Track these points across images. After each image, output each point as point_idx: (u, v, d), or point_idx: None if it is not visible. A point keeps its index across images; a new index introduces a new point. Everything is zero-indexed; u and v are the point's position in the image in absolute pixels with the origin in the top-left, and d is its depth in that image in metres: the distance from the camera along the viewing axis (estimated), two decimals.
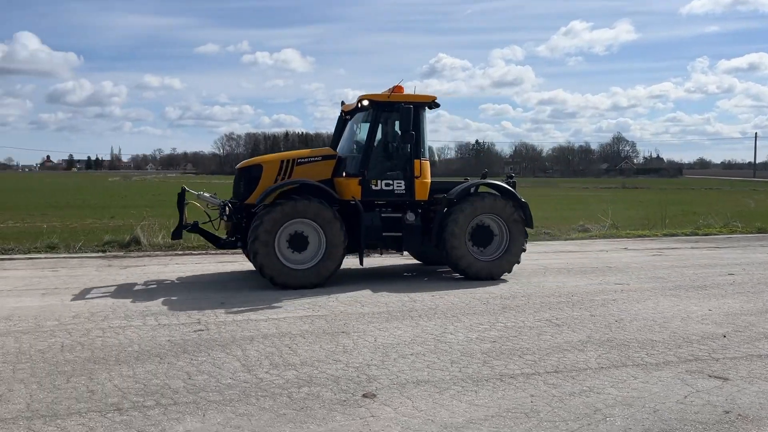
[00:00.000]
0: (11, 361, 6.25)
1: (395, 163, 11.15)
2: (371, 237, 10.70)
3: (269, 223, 9.92)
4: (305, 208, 10.09)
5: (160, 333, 7.40)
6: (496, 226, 11.15)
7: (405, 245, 11.15)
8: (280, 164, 10.94)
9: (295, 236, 10.18)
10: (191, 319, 8.13)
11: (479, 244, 11.09)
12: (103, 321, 7.97)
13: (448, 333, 7.51)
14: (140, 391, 5.44)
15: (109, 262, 13.37)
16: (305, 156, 11.23)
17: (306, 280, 10.10)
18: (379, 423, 4.82)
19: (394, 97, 11.03)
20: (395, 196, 11.01)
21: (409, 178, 11.02)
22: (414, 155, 11.00)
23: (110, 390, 5.46)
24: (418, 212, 11.02)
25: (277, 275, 10.01)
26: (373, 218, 10.68)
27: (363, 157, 10.90)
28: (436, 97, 11.50)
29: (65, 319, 8.03)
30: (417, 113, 10.94)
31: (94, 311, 8.50)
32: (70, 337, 7.15)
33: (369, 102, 11.04)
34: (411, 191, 11.02)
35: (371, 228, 10.62)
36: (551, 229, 20.00)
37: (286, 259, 10.14)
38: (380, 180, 10.94)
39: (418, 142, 11.01)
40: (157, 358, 6.43)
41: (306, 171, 10.96)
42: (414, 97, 11.24)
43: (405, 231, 10.82)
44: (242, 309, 8.71)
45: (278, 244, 10.07)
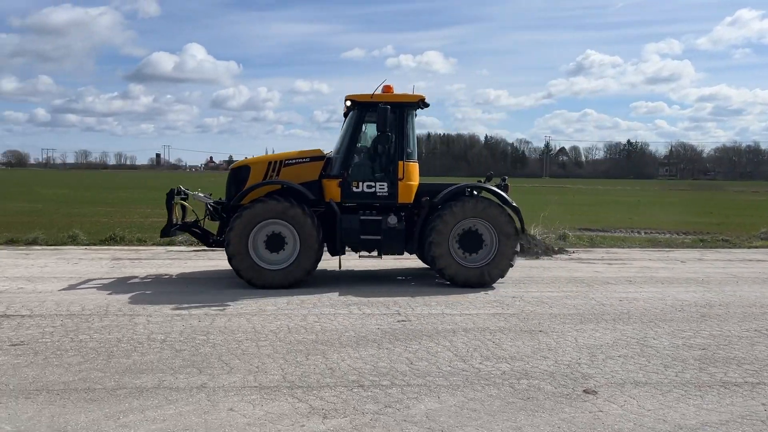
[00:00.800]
0: (252, 339, 7.12)
1: (378, 164, 10.82)
2: (349, 240, 10.56)
3: (239, 226, 10.04)
4: (275, 209, 10.07)
5: (369, 321, 8.03)
6: (485, 231, 10.55)
7: (385, 249, 10.69)
8: (268, 165, 10.93)
9: (272, 237, 10.23)
10: (390, 310, 8.71)
11: (468, 250, 10.57)
12: (314, 308, 8.77)
13: (650, 338, 7.44)
14: (372, 372, 6.01)
15: None
16: (293, 157, 11.04)
17: (279, 281, 10.09)
18: (609, 418, 4.98)
19: (376, 97, 10.70)
20: (377, 199, 10.68)
21: (392, 181, 10.66)
22: (398, 157, 10.66)
23: (346, 369, 6.09)
24: (401, 215, 10.65)
25: (252, 277, 10.10)
26: (351, 221, 10.45)
27: (343, 159, 10.72)
28: (423, 96, 11.08)
29: (281, 305, 8.94)
30: (401, 114, 10.69)
31: (303, 299, 9.37)
32: (291, 321, 7.98)
33: (351, 102, 10.87)
34: (394, 194, 10.65)
35: (349, 231, 10.44)
36: (729, 236, 18.79)
37: (263, 259, 10.20)
38: (362, 182, 10.67)
39: (401, 143, 10.66)
40: (374, 343, 7.02)
41: (294, 172, 10.84)
42: (399, 97, 10.86)
43: (386, 234, 10.47)
44: (433, 303, 9.17)
45: (254, 245, 10.16)
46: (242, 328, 7.58)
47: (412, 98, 10.94)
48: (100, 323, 7.76)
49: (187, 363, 6.20)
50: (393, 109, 10.40)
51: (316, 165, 10.88)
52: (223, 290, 9.98)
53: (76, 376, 5.78)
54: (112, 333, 7.30)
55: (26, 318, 7.97)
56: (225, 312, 8.47)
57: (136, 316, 8.18)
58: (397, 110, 10.58)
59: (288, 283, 10.11)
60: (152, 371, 5.94)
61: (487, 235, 10.51)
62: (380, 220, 10.45)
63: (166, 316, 8.15)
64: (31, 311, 8.35)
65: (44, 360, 6.25)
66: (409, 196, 10.71)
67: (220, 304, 8.89)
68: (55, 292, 9.59)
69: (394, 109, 10.46)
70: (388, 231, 10.42)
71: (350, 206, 10.66)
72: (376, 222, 10.45)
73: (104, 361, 6.25)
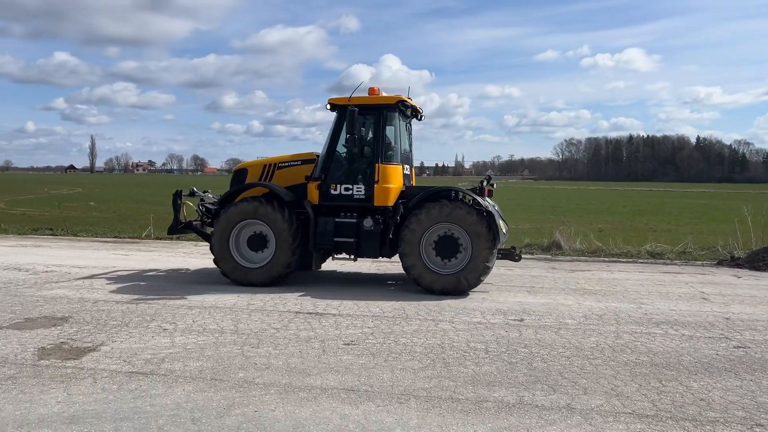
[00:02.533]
0: (578, 355, 6.66)
1: (357, 167, 10.67)
2: (322, 242, 10.51)
3: (219, 228, 10.69)
4: (247, 210, 10.53)
5: (700, 345, 7.18)
6: (461, 235, 10.08)
7: (361, 252, 10.54)
8: (263, 168, 11.37)
9: (255, 237, 10.67)
10: (712, 333, 7.75)
11: (445, 256, 10.17)
12: (621, 325, 8.11)
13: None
14: (759, 408, 5.22)
15: (556, 265, 13.92)
16: (286, 160, 11.35)
17: (260, 279, 10.45)
18: None
19: (354, 100, 10.58)
20: (354, 201, 10.59)
21: (369, 183, 10.46)
22: (375, 159, 10.45)
23: (720, 400, 5.39)
24: (377, 219, 10.44)
25: (237, 276, 10.60)
26: (326, 223, 10.49)
27: (323, 161, 10.73)
28: (401, 97, 10.80)
29: (577, 318, 8.41)
30: (379, 116, 10.55)
31: (599, 313, 8.75)
32: (606, 338, 7.41)
33: (332, 105, 10.81)
34: (370, 196, 10.48)
35: (323, 233, 10.47)
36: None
37: (247, 258, 10.69)
38: (339, 184, 10.61)
39: (379, 145, 10.46)
40: (728, 372, 6.18)
41: (286, 175, 11.20)
42: (376, 99, 10.71)
43: (361, 237, 10.41)
44: (760, 327, 8.02)
45: (236, 243, 10.69)
46: (560, 343, 7.16)
47: (389, 100, 10.80)
48: (408, 327, 7.84)
49: (531, 378, 5.90)
50: (371, 112, 10.57)
51: (307, 168, 11.09)
52: (496, 296, 9.71)
53: (428, 383, 5.75)
54: (428, 338, 7.29)
55: (338, 317, 8.33)
56: (525, 323, 8.14)
57: (439, 321, 8.16)
58: (375, 112, 10.59)
59: (269, 280, 10.45)
60: (501, 384, 5.72)
61: (463, 239, 10.10)
62: (356, 222, 10.47)
63: (470, 324, 8.02)
64: (338, 311, 8.72)
65: (385, 362, 6.35)
66: (386, 199, 10.51)
67: (511, 314, 8.60)
68: (342, 291, 10.02)
69: (371, 111, 10.57)
70: (364, 234, 10.42)
71: (330, 208, 10.69)
72: (352, 225, 10.49)
73: (442, 368, 6.19)
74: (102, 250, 15.45)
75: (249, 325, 7.88)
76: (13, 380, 5.70)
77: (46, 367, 6.08)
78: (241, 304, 9.19)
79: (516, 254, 11.20)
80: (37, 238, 18.19)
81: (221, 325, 7.88)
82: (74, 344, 6.91)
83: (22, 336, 7.20)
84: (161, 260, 13.77)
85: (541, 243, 16.83)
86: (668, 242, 16.63)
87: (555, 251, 16.12)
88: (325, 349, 6.83)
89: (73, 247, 16.11)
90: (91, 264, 12.91)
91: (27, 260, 13.32)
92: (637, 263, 14.31)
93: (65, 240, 17.75)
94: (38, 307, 8.71)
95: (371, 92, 10.85)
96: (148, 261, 13.64)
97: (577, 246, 16.39)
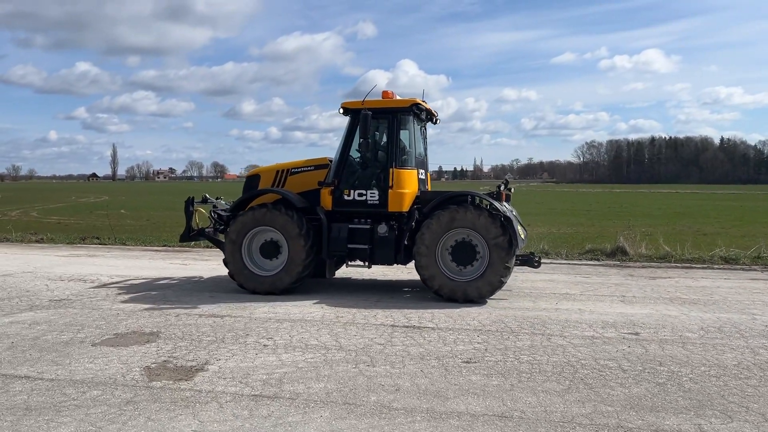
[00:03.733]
0: (720, 374, 6.14)
1: (370, 172, 10.33)
2: (336, 248, 10.17)
3: (232, 234, 10.40)
4: (257, 217, 10.27)
5: None
6: (479, 243, 9.70)
7: (376, 259, 10.21)
8: (275, 174, 11.07)
9: (267, 244, 10.42)
10: None
11: (461, 262, 9.82)
12: (747, 339, 7.57)
13: None
14: None
15: (632, 272, 13.37)
16: (299, 166, 11.04)
17: (268, 287, 10.19)
18: None
19: (368, 103, 10.26)
20: (368, 207, 10.26)
21: (383, 188, 10.13)
22: (389, 164, 10.12)
23: None
24: (392, 225, 10.13)
25: (244, 282, 10.38)
26: (340, 229, 10.19)
27: (336, 166, 10.41)
28: (415, 100, 10.43)
29: (693, 329, 7.88)
30: (393, 120, 10.23)
31: (716, 326, 8.21)
32: (730, 354, 6.87)
33: (344, 109, 10.47)
34: (384, 202, 10.15)
35: (337, 240, 10.14)
36: None
37: (258, 266, 10.45)
38: (353, 190, 10.28)
39: (393, 150, 10.14)
40: None
41: (298, 181, 10.90)
42: (390, 103, 10.40)
43: (375, 244, 10.10)
44: None
45: (248, 250, 10.46)
46: (696, 360, 6.63)
47: (403, 103, 10.43)
48: (520, 342, 7.36)
49: (693, 402, 5.38)
50: (385, 116, 10.24)
51: (320, 173, 10.75)
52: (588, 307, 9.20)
53: (583, 407, 5.25)
54: (550, 355, 6.81)
55: (439, 331, 7.88)
56: (643, 337, 7.62)
57: (550, 336, 7.67)
58: (389, 116, 10.25)
59: (277, 290, 10.17)
60: (665, 409, 5.21)
61: (481, 247, 9.72)
62: (370, 229, 10.15)
63: (585, 339, 7.52)
64: (435, 324, 8.27)
65: (520, 383, 5.87)
66: (401, 205, 10.17)
67: (622, 327, 8.09)
68: (419, 301, 9.58)
69: (385, 115, 10.25)
70: (378, 240, 10.10)
71: (343, 214, 10.36)
72: (366, 231, 10.17)
73: (587, 390, 5.69)
74: (157, 260, 15.15)
75: (350, 340, 7.45)
76: (133, 405, 5.31)
77: (161, 390, 5.69)
78: (329, 316, 8.77)
79: (535, 260, 10.59)
80: (87, 247, 17.96)
81: (321, 340, 7.45)
82: (178, 363, 6.52)
83: (120, 354, 6.82)
84: (221, 270, 13.37)
85: (603, 248, 16.26)
86: (725, 246, 15.88)
87: (621, 257, 15.56)
88: (447, 368, 6.37)
89: (126, 256, 15.83)
90: (154, 275, 12.59)
91: (88, 271, 13.03)
92: (714, 269, 13.70)
93: (115, 249, 17.50)
94: (122, 322, 8.36)
95: (385, 96, 10.56)
96: (208, 270, 13.30)
97: (643, 251, 15.81)
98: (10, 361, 6.54)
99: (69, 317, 8.63)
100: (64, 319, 8.49)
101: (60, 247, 17.97)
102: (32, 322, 8.32)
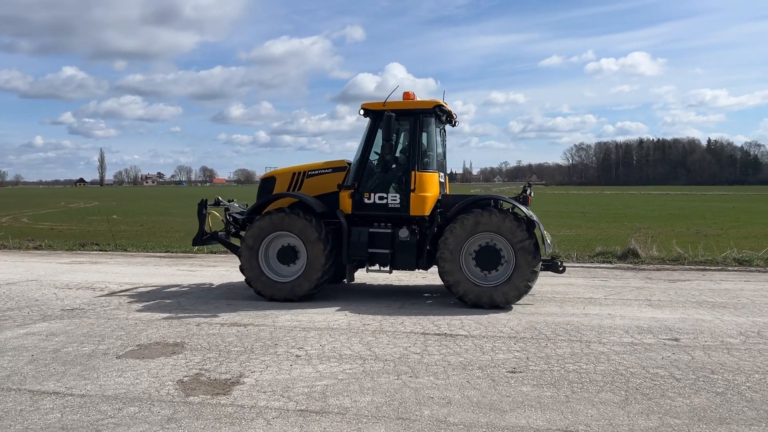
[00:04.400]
0: None
1: (391, 175, 10.06)
2: (356, 253, 9.92)
3: (250, 238, 10.09)
4: (277, 222, 9.97)
5: None
6: (504, 247, 9.45)
7: (397, 263, 9.94)
8: (292, 177, 10.77)
9: (285, 249, 10.13)
10: None
11: (486, 267, 9.56)
12: None
13: None
14: None
15: (649, 275, 13.19)
16: (316, 168, 10.75)
17: (286, 294, 9.91)
18: None
19: (389, 105, 9.98)
20: (389, 210, 10.01)
21: (405, 192, 9.87)
22: (411, 167, 9.86)
23: None
24: (413, 229, 9.85)
25: (261, 288, 10.08)
26: (360, 233, 9.92)
27: (356, 169, 10.15)
28: (438, 101, 10.22)
29: (733, 334, 7.70)
30: (415, 121, 9.98)
31: (754, 330, 8.04)
32: None
33: (365, 111, 10.21)
34: (406, 205, 9.89)
35: (357, 244, 9.89)
36: None
37: (275, 271, 10.16)
38: (373, 193, 10.02)
39: (416, 152, 9.90)
40: None
41: (316, 183, 10.62)
42: (412, 104, 10.15)
43: (396, 248, 9.84)
44: None
45: (265, 256, 10.16)
46: (747, 367, 6.44)
47: (426, 104, 10.18)
48: (560, 350, 7.14)
49: (762, 413, 5.17)
50: (406, 117, 9.99)
51: (338, 176, 10.50)
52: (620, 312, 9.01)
53: (648, 420, 5.02)
54: (595, 363, 6.59)
55: (474, 339, 7.64)
56: (684, 343, 7.43)
57: (589, 342, 7.46)
58: (411, 118, 10.02)
59: (296, 297, 9.90)
60: (737, 421, 4.99)
61: (506, 251, 9.46)
62: (391, 233, 9.89)
63: (625, 345, 7.32)
64: (467, 332, 8.04)
65: (574, 394, 5.64)
66: (423, 209, 9.91)
67: (659, 333, 7.90)
68: (442, 307, 9.34)
69: (407, 116, 10.01)
70: (400, 245, 9.85)
71: (364, 218, 10.11)
72: (387, 235, 9.92)
73: (646, 400, 5.46)
74: (163, 266, 14.81)
75: (384, 349, 7.19)
76: (176, 422, 5.02)
77: (201, 405, 5.40)
78: (355, 324, 8.51)
79: (559, 265, 10.29)
80: (88, 254, 17.56)
81: (354, 350, 7.19)
82: (211, 376, 6.24)
83: (148, 367, 6.52)
84: (231, 276, 13.10)
85: (614, 251, 16.12)
86: (735, 248, 15.76)
87: (633, 259, 15.43)
88: (494, 378, 6.13)
89: (130, 263, 15.47)
90: (163, 282, 12.26)
91: (95, 278, 12.68)
92: (729, 271, 13.58)
93: (117, 255, 17.12)
94: (142, 332, 8.05)
95: (406, 97, 10.31)
96: (218, 277, 12.99)
97: (654, 253, 15.69)
98: (34, 376, 6.23)
99: (86, 327, 8.31)
100: (82, 330, 8.17)
101: (60, 254, 17.55)
102: (48, 333, 7.99)
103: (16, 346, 7.39)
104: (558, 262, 10.28)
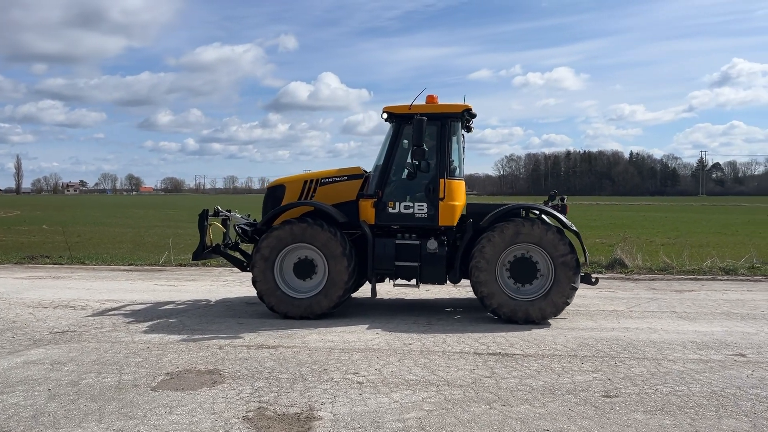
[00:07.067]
0: None
1: (418, 183, 9.44)
2: (382, 266, 9.29)
3: (265, 250, 9.23)
4: (296, 233, 9.18)
5: None
6: (541, 260, 9.00)
7: (425, 277, 9.35)
8: (303, 185, 10.01)
9: (302, 262, 9.38)
10: None
11: (520, 280, 9.10)
12: None
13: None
14: None
15: (649, 285, 13.10)
16: (330, 176, 10.02)
17: (303, 311, 9.16)
18: None
19: (415, 108, 9.39)
20: (416, 221, 9.42)
21: (433, 201, 9.31)
22: (439, 174, 9.30)
23: None
24: (442, 240, 9.36)
25: (275, 304, 9.24)
26: (386, 245, 9.28)
27: (379, 177, 9.51)
28: (468, 106, 9.65)
29: None
30: (443, 126, 9.41)
31: None
32: None
33: (389, 115, 9.62)
34: (434, 215, 9.31)
35: (383, 257, 9.24)
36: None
37: (290, 286, 9.38)
38: (398, 202, 9.43)
39: (444, 158, 9.34)
40: None
41: (330, 192, 9.88)
42: (441, 108, 9.53)
43: (425, 261, 9.23)
44: None
45: (280, 270, 9.35)
46: None
47: (455, 108, 9.59)
48: (632, 370, 6.71)
49: None
50: (433, 122, 9.32)
51: (354, 184, 9.85)
52: None
53: None
54: (681, 385, 6.18)
55: (533, 359, 7.12)
56: (751, 359, 7.16)
57: (658, 361, 7.07)
58: (438, 122, 9.41)
59: (313, 314, 9.15)
60: None
61: (543, 264, 9.00)
62: (419, 244, 9.27)
63: (695, 362, 6.98)
64: (522, 350, 7.51)
65: (694, 421, 5.19)
66: (452, 219, 9.42)
67: (721, 348, 7.63)
68: (484, 323, 8.81)
69: (434, 121, 9.34)
70: (428, 257, 9.23)
71: (388, 229, 9.55)
72: (414, 247, 9.28)
73: (688, 420, 5.09)
74: (136, 281, 13.56)
75: (448, 373, 6.56)
76: None
77: None
78: (394, 343, 7.83)
79: (592, 278, 9.80)
80: (43, 267, 15.95)
81: (416, 374, 6.52)
82: (276, 409, 5.42)
83: (197, 401, 5.63)
84: (219, 291, 12.11)
85: (599, 261, 16.09)
86: (702, 256, 16.02)
87: (620, 269, 15.41)
88: (596, 405, 5.59)
89: (96, 277, 14.09)
90: (149, 298, 11.14)
91: (68, 296, 11.38)
92: (719, 281, 13.67)
93: (77, 269, 15.61)
94: (162, 358, 7.07)
95: (430, 100, 9.68)
96: (205, 292, 11.96)
97: (640, 263, 15.73)
98: (66, 417, 5.22)
99: (93, 354, 7.24)
100: (89, 357, 7.10)
101: (9, 267, 15.86)
102: (52, 362, 6.89)
103: (23, 378, 6.30)
104: (590, 275, 9.91)
